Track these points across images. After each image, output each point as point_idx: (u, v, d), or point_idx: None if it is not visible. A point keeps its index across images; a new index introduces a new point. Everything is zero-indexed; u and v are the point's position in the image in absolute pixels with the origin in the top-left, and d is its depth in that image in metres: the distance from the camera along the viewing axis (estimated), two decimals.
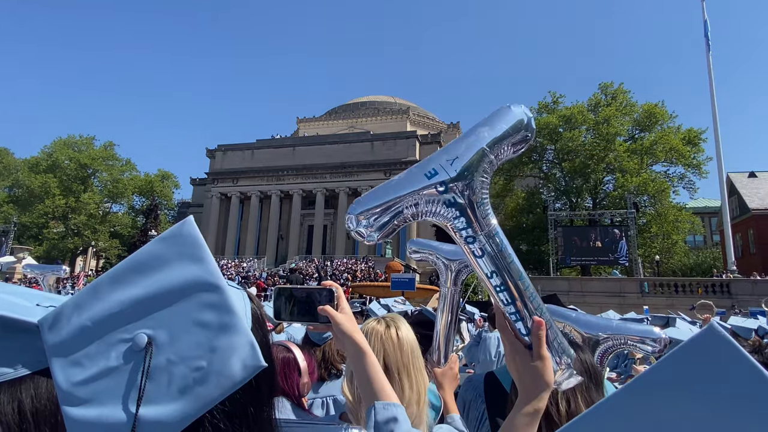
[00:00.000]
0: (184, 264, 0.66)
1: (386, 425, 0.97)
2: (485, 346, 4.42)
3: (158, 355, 0.61)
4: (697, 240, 53.49)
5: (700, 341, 0.39)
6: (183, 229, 0.69)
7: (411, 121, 57.84)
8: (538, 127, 41.23)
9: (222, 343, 0.62)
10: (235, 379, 0.61)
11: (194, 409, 0.59)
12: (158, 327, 0.62)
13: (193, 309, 0.64)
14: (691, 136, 37.27)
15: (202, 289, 0.65)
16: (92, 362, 0.61)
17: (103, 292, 0.65)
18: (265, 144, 50.25)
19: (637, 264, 32.71)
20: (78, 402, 0.59)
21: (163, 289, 0.64)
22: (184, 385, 0.60)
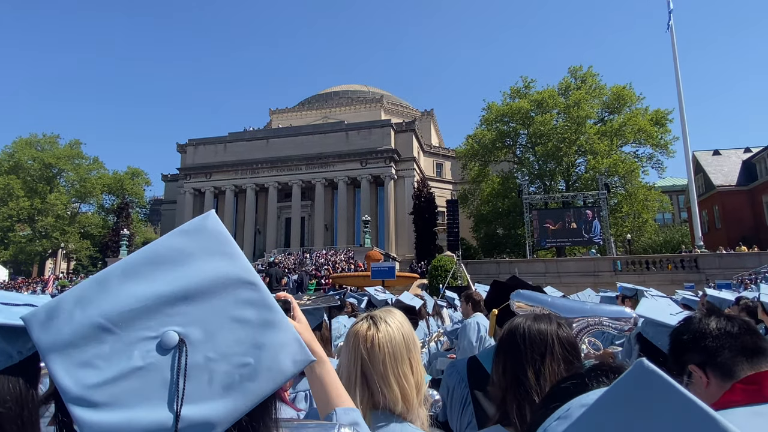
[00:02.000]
0: (213, 259, 0.64)
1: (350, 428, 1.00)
2: (465, 332, 4.47)
3: (194, 353, 0.58)
4: (666, 218, 55.21)
5: (631, 380, 0.38)
6: (207, 223, 0.67)
7: (385, 109, 57.60)
8: (510, 112, 41.96)
9: (268, 339, 0.62)
10: (287, 374, 0.62)
11: (245, 404, 0.59)
12: (190, 324, 0.60)
13: (230, 306, 0.62)
14: (659, 117, 38.28)
15: (237, 285, 0.63)
16: (109, 363, 0.57)
17: (115, 286, 0.61)
18: (237, 137, 49.35)
19: (610, 243, 33.61)
20: (96, 406, 0.55)
21: (192, 285, 0.61)
22: (229, 382, 0.58)
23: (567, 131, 37.74)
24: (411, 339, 1.56)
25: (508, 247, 40.77)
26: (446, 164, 53.38)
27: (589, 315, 2.56)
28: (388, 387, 1.45)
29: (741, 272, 24.58)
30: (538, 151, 39.26)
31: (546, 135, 38.07)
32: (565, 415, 0.50)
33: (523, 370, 1.45)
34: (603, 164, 35.96)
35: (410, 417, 1.47)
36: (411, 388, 1.48)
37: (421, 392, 1.53)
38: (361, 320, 1.59)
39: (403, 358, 1.50)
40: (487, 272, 28.74)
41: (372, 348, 1.48)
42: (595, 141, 36.85)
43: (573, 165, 39.88)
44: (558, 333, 1.53)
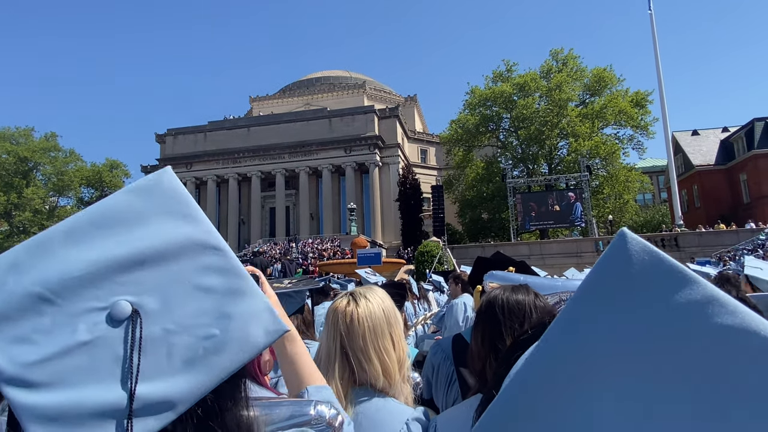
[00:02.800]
0: (171, 221, 0.57)
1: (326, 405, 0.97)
2: (452, 311, 4.48)
3: (150, 325, 0.52)
4: (646, 198, 56.16)
5: (615, 250, 0.38)
6: (163, 180, 0.60)
7: (368, 95, 57.14)
8: (492, 96, 41.98)
9: (237, 308, 0.56)
10: (259, 346, 0.57)
11: (210, 380, 0.53)
12: (144, 293, 0.53)
13: (192, 272, 0.56)
14: (639, 99, 38.68)
15: (199, 250, 0.57)
16: (49, 338, 0.50)
17: (56, 251, 0.53)
18: (217, 126, 48.53)
19: (592, 224, 34.11)
20: (34, 385, 0.48)
21: (146, 249, 0.55)
22: (191, 356, 0.53)
23: (549, 114, 37.94)
24: (392, 314, 1.54)
25: (492, 231, 41.12)
26: (431, 150, 53.34)
27: (561, 290, 2.61)
28: (368, 362, 1.43)
29: (720, 249, 25.20)
30: (521, 135, 39.44)
31: (528, 118, 38.22)
32: None
33: (502, 339, 1.45)
34: (585, 147, 36.31)
35: (393, 392, 1.45)
36: (393, 363, 1.46)
37: (404, 368, 1.50)
38: (341, 297, 1.57)
39: (384, 332, 1.48)
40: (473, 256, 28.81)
41: (351, 323, 1.46)
42: (577, 123, 37.14)
43: (555, 148, 40.19)
44: (535, 302, 1.55)
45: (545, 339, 0.41)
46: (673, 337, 0.35)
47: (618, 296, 0.38)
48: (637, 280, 0.37)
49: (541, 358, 0.40)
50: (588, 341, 0.38)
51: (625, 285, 0.37)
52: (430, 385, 2.38)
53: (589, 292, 0.40)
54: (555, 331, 0.41)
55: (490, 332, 1.49)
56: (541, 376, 0.40)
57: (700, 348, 0.35)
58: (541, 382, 0.40)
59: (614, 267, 0.39)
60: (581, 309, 0.40)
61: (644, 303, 0.37)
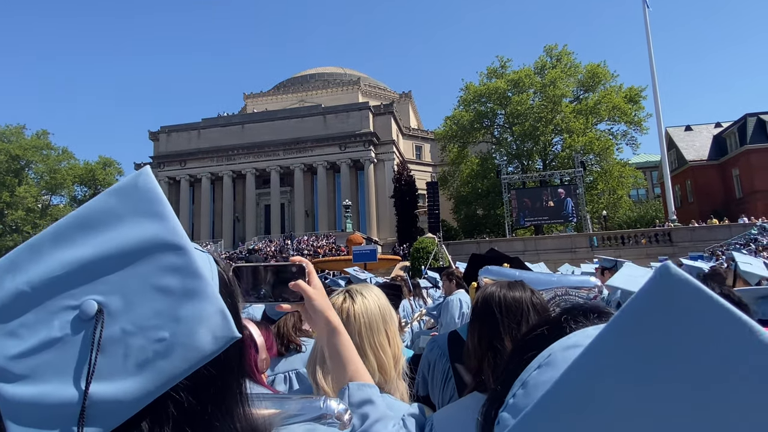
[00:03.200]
0: (141, 221, 0.58)
1: (361, 407, 0.95)
2: (448, 308, 4.50)
3: (111, 325, 0.53)
4: (640, 193, 56.49)
5: (655, 287, 0.35)
6: (138, 181, 0.61)
7: (362, 92, 57.06)
8: (487, 93, 41.96)
9: (187, 311, 0.55)
10: (205, 352, 0.55)
11: (155, 385, 0.52)
12: (110, 292, 0.54)
13: (152, 272, 0.56)
14: (632, 94, 38.84)
15: (162, 249, 0.57)
16: (31, 332, 0.52)
17: (45, 252, 0.55)
18: (211, 123, 48.32)
19: (586, 220, 34.30)
20: (14, 378, 0.50)
21: (115, 250, 0.56)
22: (143, 359, 0.52)
23: (543, 110, 38.03)
24: (387, 311, 1.55)
25: (487, 227, 41.24)
26: (425, 146, 53.36)
27: (556, 286, 2.63)
28: (364, 358, 1.42)
29: (712, 244, 25.41)
30: (516, 131, 39.53)
31: (523, 115, 38.30)
32: (547, 361, 0.45)
33: (500, 337, 1.45)
34: (579, 142, 36.44)
35: (388, 388, 1.46)
36: (388, 358, 1.48)
37: (399, 364, 1.52)
38: (338, 294, 1.58)
39: (380, 329, 1.50)
40: (468, 252, 28.93)
41: (347, 319, 1.47)
42: (571, 119, 37.25)
43: (550, 144, 40.31)
44: (532, 299, 1.55)
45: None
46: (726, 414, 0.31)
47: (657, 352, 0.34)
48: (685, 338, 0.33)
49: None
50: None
51: (665, 339, 0.33)
52: (426, 382, 2.39)
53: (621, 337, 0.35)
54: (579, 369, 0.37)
55: (488, 331, 1.48)
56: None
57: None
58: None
59: (653, 314, 0.34)
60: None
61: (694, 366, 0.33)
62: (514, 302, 1.51)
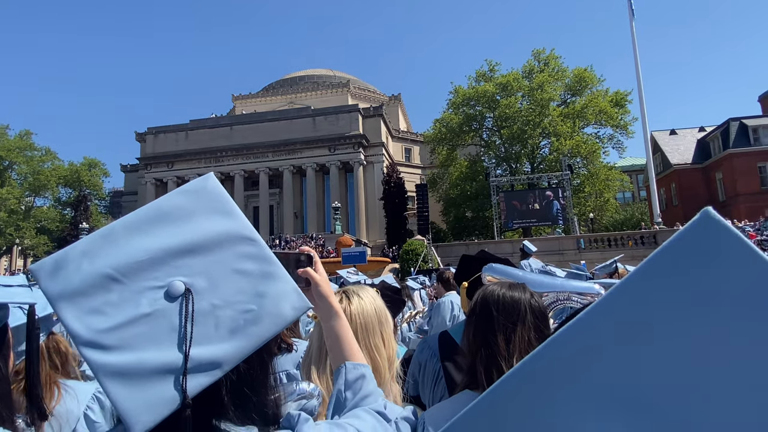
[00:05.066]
0: (214, 217, 0.69)
1: (356, 383, 1.02)
2: (439, 310, 4.52)
3: (200, 301, 0.63)
4: (626, 196, 57.18)
5: (696, 227, 0.35)
6: (207, 184, 0.73)
7: (352, 94, 57.03)
8: (476, 96, 42.11)
9: (269, 288, 0.68)
10: (288, 319, 0.69)
11: (249, 345, 0.64)
12: (195, 275, 0.65)
13: (232, 259, 0.67)
14: (618, 98, 39.35)
15: (238, 241, 0.69)
16: (117, 310, 0.61)
17: (120, 240, 0.65)
18: (199, 124, 47.90)
19: (574, 222, 34.63)
20: (107, 348, 0.59)
21: (195, 240, 0.66)
22: (234, 326, 0.64)
23: (531, 114, 38.36)
24: (383, 313, 1.56)
25: (476, 229, 41.43)
26: (415, 149, 53.48)
27: (559, 290, 2.61)
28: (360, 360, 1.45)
29: None
30: (504, 134, 39.80)
31: (511, 118, 38.59)
32: None
33: (494, 335, 1.46)
34: (566, 146, 36.81)
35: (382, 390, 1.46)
36: (383, 360, 1.49)
37: (393, 366, 1.53)
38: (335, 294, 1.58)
39: (375, 330, 1.50)
40: (457, 254, 29.06)
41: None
42: (559, 123, 37.62)
43: (537, 147, 40.65)
44: (530, 302, 1.55)
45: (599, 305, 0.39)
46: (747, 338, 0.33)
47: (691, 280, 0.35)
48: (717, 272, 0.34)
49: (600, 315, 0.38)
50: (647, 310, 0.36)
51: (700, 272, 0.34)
52: (417, 382, 2.39)
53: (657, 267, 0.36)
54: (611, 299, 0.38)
55: (483, 328, 1.49)
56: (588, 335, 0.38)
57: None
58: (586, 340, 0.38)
59: (691, 248, 0.35)
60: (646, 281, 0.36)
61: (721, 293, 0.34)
62: (512, 302, 1.52)
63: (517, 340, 1.44)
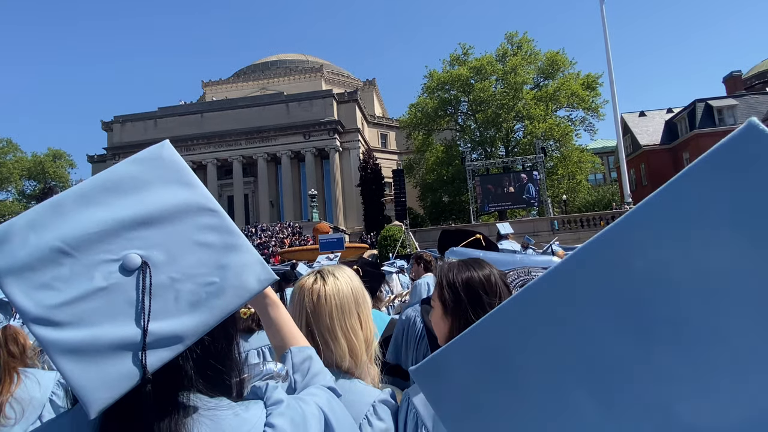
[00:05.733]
0: (171, 187, 0.66)
1: (302, 365, 1.03)
2: (416, 291, 4.55)
3: (158, 274, 0.61)
4: (597, 178, 58.49)
5: (742, 135, 0.33)
6: (163, 152, 0.69)
7: (326, 79, 56.24)
8: (450, 80, 42.14)
9: (232, 260, 0.66)
10: (252, 291, 0.67)
11: (212, 318, 0.63)
12: (151, 248, 0.62)
13: (192, 231, 0.65)
14: (590, 81, 39.94)
15: (197, 212, 0.66)
16: (69, 285, 0.58)
17: (69, 212, 0.62)
18: (168, 112, 46.58)
19: (547, 204, 35.26)
20: (58, 325, 0.57)
21: (151, 211, 0.63)
22: (195, 300, 0.62)
23: (505, 97, 38.64)
24: (360, 293, 1.51)
25: (453, 213, 41.79)
26: (391, 134, 53.30)
27: (520, 266, 2.67)
28: (335, 341, 1.40)
29: None
30: (479, 118, 40.04)
31: (485, 102, 38.81)
32: None
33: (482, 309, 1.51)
34: (539, 129, 37.28)
35: (359, 373, 1.43)
36: (360, 342, 1.44)
37: (371, 348, 1.49)
38: (308, 275, 1.53)
39: (351, 311, 1.46)
40: (435, 239, 29.21)
41: (318, 300, 1.43)
42: (532, 106, 38.03)
43: (512, 131, 41.07)
44: (498, 274, 1.66)
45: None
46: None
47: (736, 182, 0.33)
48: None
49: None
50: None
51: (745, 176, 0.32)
52: (398, 348, 2.45)
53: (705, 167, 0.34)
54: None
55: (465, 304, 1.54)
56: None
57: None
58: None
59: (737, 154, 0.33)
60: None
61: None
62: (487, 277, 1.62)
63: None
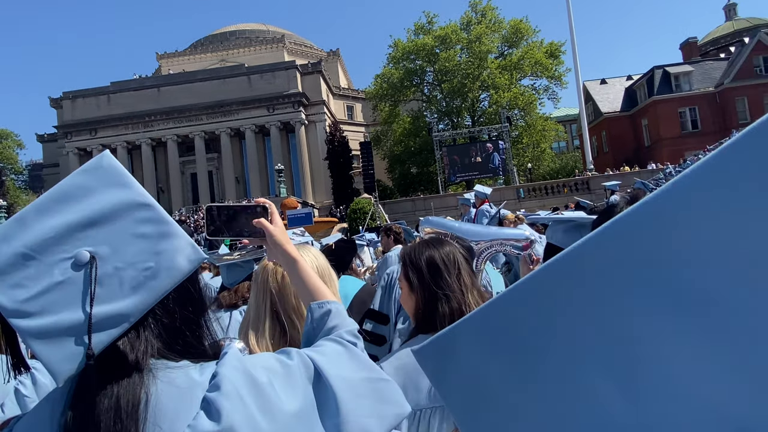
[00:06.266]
0: (111, 190, 0.77)
1: (321, 320, 1.04)
2: (386, 263, 4.56)
3: (104, 266, 0.73)
4: (561, 146, 59.69)
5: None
6: (103, 162, 0.80)
7: (288, 50, 54.48)
8: (415, 49, 41.71)
9: (165, 246, 0.77)
10: (184, 271, 0.78)
11: (151, 298, 0.75)
12: (98, 244, 0.74)
13: (131, 225, 0.76)
14: (553, 49, 40.23)
15: (134, 208, 0.77)
16: (35, 282, 0.71)
17: (31, 222, 0.74)
18: (123, 86, 44.26)
19: (513, 173, 35.88)
20: (29, 315, 0.70)
21: (95, 213, 0.75)
22: (136, 284, 0.73)
23: (470, 67, 38.54)
24: (327, 272, 1.50)
25: (422, 184, 41.99)
26: (357, 106, 52.51)
27: (491, 238, 2.72)
28: (301, 319, 1.38)
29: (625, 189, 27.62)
30: (445, 89, 39.90)
31: (451, 71, 38.62)
32: None
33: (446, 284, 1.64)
34: (504, 98, 37.51)
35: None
36: None
37: None
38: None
39: None
40: (404, 210, 29.56)
41: (283, 281, 1.41)
42: (497, 75, 38.11)
43: (477, 100, 41.17)
44: (460, 250, 1.76)
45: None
46: None
47: None
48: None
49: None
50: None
51: None
52: (382, 298, 2.73)
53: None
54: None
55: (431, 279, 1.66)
56: None
57: None
58: None
59: None
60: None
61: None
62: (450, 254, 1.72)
63: (464, 281, 1.67)
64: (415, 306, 1.66)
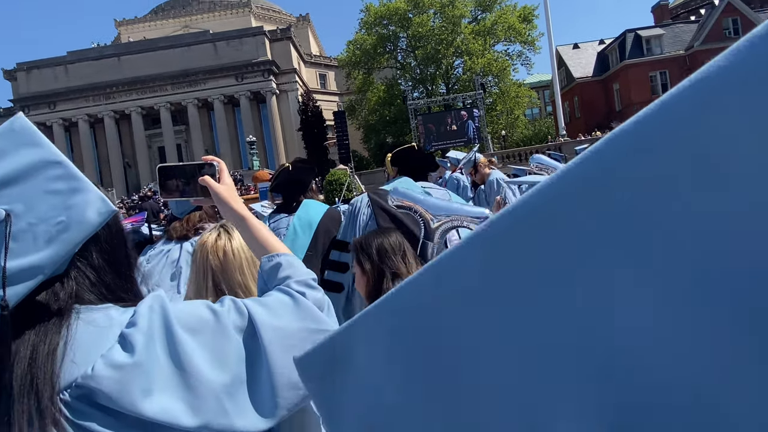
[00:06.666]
0: (24, 150, 0.80)
1: (271, 273, 1.05)
2: None
3: (18, 222, 0.77)
4: (534, 112, 59.87)
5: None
6: (14, 124, 0.82)
7: (255, 15, 52.28)
8: (388, 14, 40.69)
9: (76, 201, 0.81)
10: (94, 224, 0.82)
11: (63, 250, 0.79)
12: (13, 202, 0.77)
13: (43, 183, 0.80)
14: (526, 14, 39.71)
15: (47, 166, 0.80)
16: None
17: None
18: (80, 56, 41.93)
19: (488, 140, 35.91)
20: None
21: (9, 173, 0.78)
22: (48, 237, 0.77)
23: (444, 32, 37.83)
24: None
25: None
26: (330, 74, 51.21)
27: (454, 214, 2.76)
28: (248, 293, 1.35)
29: None
30: (419, 55, 39.17)
31: (424, 37, 37.86)
32: None
33: (393, 263, 1.90)
34: (478, 65, 37.10)
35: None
36: None
37: None
38: (210, 231, 1.47)
39: None
40: (381, 181, 29.27)
41: (225, 257, 1.39)
42: (471, 41, 37.57)
43: (451, 67, 40.62)
44: (401, 237, 2.04)
45: None
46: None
47: None
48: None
49: None
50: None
51: None
52: (346, 227, 2.90)
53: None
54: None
55: (381, 262, 1.90)
56: None
57: None
58: None
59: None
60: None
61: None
62: (396, 242, 1.98)
63: (409, 261, 1.94)
64: (366, 285, 1.90)
